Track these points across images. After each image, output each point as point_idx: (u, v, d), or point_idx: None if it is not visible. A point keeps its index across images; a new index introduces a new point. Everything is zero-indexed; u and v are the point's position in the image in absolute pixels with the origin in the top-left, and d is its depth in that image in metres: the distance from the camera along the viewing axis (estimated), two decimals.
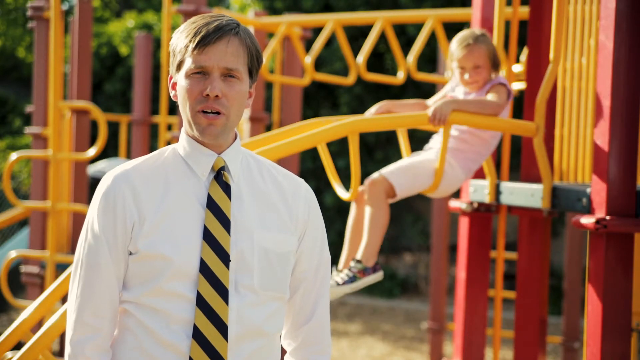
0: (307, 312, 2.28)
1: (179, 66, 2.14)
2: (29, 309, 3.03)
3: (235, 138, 2.21)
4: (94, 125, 11.23)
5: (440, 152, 3.75)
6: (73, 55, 6.60)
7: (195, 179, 2.16)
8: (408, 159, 3.88)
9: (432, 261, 7.53)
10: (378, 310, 10.41)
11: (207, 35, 2.08)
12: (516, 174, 5.08)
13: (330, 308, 2.38)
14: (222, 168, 2.16)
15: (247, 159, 2.24)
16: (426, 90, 10.89)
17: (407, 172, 3.78)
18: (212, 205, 2.11)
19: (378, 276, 3.66)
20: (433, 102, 4.00)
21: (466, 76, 3.84)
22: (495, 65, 3.87)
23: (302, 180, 2.29)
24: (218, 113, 2.10)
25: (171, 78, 2.19)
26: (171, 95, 2.20)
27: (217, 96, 2.09)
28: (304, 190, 2.26)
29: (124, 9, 17.94)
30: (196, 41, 2.08)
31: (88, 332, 2.11)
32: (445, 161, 3.81)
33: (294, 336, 2.31)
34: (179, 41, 2.13)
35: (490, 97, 3.76)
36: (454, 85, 3.99)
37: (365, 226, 3.72)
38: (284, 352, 2.38)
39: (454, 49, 3.87)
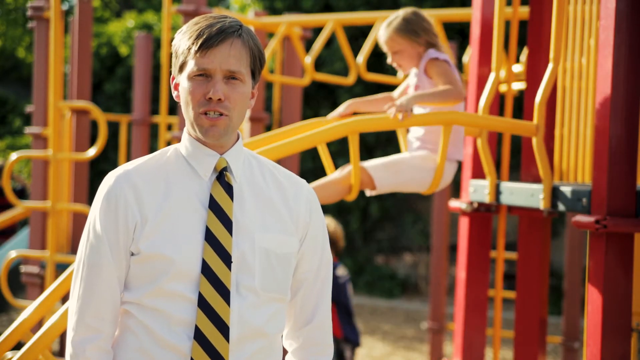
0: (308, 313, 2.27)
1: (182, 67, 2.14)
2: (29, 309, 3.03)
3: (238, 138, 2.21)
4: (94, 125, 11.22)
5: (419, 149, 3.78)
6: (73, 55, 6.60)
7: (197, 179, 2.15)
8: (392, 157, 3.88)
9: (432, 261, 7.53)
10: (378, 310, 10.41)
11: (209, 38, 2.08)
12: (516, 174, 5.08)
13: None
14: (225, 168, 2.15)
15: (249, 159, 2.24)
16: None
17: (389, 168, 3.77)
18: (214, 206, 2.11)
19: None
20: (398, 93, 3.99)
21: (389, 60, 3.86)
22: (420, 43, 3.80)
23: (304, 181, 2.28)
24: (221, 114, 2.10)
25: (173, 79, 2.19)
26: (173, 95, 2.20)
27: (219, 99, 2.09)
28: (306, 191, 2.26)
29: (124, 9, 17.95)
30: (199, 43, 2.08)
31: (89, 333, 2.10)
32: (431, 160, 3.81)
33: (295, 337, 2.30)
34: (182, 42, 2.12)
35: (441, 83, 3.71)
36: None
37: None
38: (285, 352, 2.38)
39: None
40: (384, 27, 3.83)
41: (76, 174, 6.26)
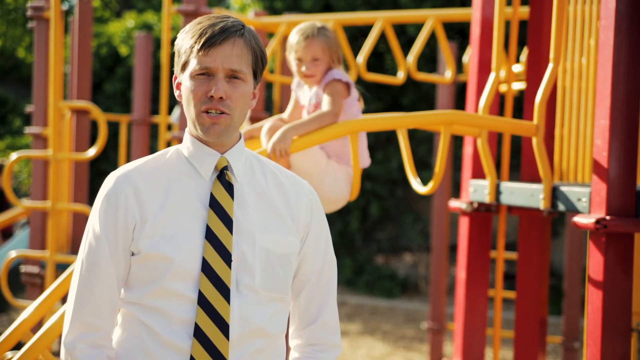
0: (311, 314, 2.28)
1: (184, 67, 2.14)
2: (29, 309, 3.03)
3: (240, 138, 2.21)
4: (94, 125, 11.22)
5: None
6: (73, 55, 6.60)
7: (198, 178, 2.16)
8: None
9: (432, 261, 7.53)
10: (378, 310, 10.42)
11: (212, 37, 2.09)
12: (516, 174, 5.08)
13: None
14: (225, 167, 2.16)
15: (251, 159, 2.24)
16: (426, 90, 10.89)
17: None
18: (214, 205, 2.12)
19: None
20: (288, 113, 3.85)
21: (303, 68, 3.65)
22: (334, 60, 3.65)
23: (306, 182, 2.29)
24: (222, 113, 2.11)
25: (176, 78, 2.20)
26: (176, 95, 2.21)
27: (221, 97, 2.09)
28: (307, 192, 2.26)
29: (124, 9, 17.96)
30: (201, 42, 2.09)
31: (84, 330, 2.11)
32: (331, 173, 3.69)
33: (299, 335, 2.31)
34: (184, 42, 2.13)
35: (325, 103, 3.56)
36: (298, 81, 3.83)
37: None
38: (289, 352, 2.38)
39: (293, 40, 3.67)
40: (309, 32, 3.63)
41: (76, 174, 6.26)
